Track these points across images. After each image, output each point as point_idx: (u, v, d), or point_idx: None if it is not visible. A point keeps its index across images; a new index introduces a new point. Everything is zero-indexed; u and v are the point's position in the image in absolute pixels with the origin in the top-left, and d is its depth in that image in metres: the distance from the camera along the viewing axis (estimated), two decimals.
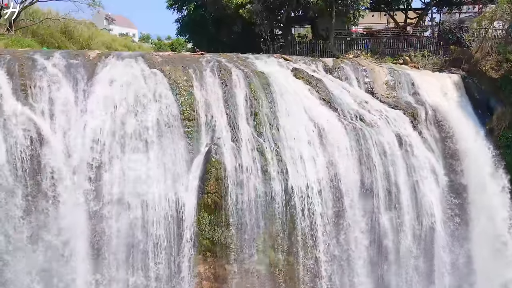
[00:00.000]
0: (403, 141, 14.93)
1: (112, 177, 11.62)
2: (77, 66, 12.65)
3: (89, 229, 11.49)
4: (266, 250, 13.06)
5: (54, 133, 11.46)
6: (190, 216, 12.36)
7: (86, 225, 11.46)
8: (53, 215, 11.11)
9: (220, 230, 12.59)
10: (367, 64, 18.04)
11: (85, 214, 11.49)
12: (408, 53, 21.28)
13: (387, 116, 15.43)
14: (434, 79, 18.47)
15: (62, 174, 11.28)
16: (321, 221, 13.35)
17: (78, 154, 11.51)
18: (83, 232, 11.40)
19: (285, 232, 13.07)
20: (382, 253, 14.31)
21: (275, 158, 12.96)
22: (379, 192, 14.17)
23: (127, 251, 11.91)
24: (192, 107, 12.97)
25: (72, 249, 11.22)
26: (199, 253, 12.79)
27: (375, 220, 14.09)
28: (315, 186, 13.23)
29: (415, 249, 14.52)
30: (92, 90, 12.14)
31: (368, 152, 14.12)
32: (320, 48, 24.05)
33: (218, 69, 14.14)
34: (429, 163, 15.30)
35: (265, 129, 13.32)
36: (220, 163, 12.36)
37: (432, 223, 14.67)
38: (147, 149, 12.05)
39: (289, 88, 14.66)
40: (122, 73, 12.77)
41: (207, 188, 12.33)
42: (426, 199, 14.77)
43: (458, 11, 27.74)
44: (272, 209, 12.88)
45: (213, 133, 12.94)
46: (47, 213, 11.10)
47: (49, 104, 11.63)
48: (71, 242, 11.22)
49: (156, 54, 15.18)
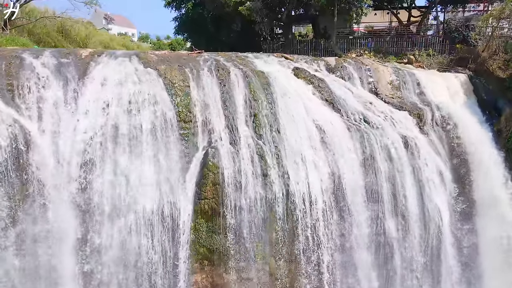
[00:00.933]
0: (409, 144, 14.30)
1: (103, 182, 11.02)
2: (68, 65, 12.11)
3: (78, 235, 10.87)
4: (266, 258, 12.45)
5: (42, 135, 10.87)
6: (186, 223, 11.76)
7: (76, 232, 10.84)
8: (40, 221, 10.50)
9: (218, 237, 11.99)
10: (370, 64, 17.41)
11: (75, 219, 10.90)
12: (412, 52, 20.66)
13: (392, 117, 14.81)
14: (440, 79, 17.82)
15: (50, 178, 10.68)
16: (324, 227, 12.74)
17: (67, 157, 10.92)
18: (72, 240, 10.78)
19: (286, 239, 12.46)
20: (387, 260, 13.67)
21: (275, 162, 12.35)
22: (384, 197, 13.56)
23: (119, 259, 11.32)
24: (188, 108, 12.36)
25: (60, 257, 10.60)
26: (196, 262, 12.19)
27: (380, 226, 13.47)
28: (318, 191, 12.61)
29: (422, 257, 13.87)
30: (83, 90, 11.60)
31: (373, 155, 13.50)
32: (322, 47, 23.47)
33: (216, 68, 13.54)
34: (436, 167, 14.66)
35: (265, 131, 12.71)
36: (217, 167, 11.75)
37: (439, 229, 14.03)
38: (140, 152, 11.46)
39: (290, 88, 14.06)
40: (115, 72, 12.22)
41: (204, 194, 11.72)
42: (433, 204, 14.13)
43: (462, 9, 27.18)
44: (273, 215, 12.27)
45: (210, 136, 12.33)
46: (35, 220, 10.50)
47: (37, 105, 11.06)
48: (60, 249, 10.60)
49: (151, 53, 14.59)
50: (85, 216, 10.87)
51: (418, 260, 13.86)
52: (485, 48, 19.03)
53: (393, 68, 17.40)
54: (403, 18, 27.05)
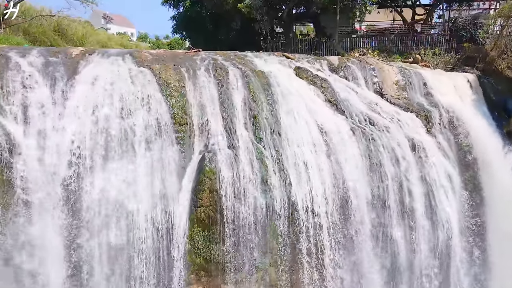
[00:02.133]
0: (417, 147, 13.63)
1: (93, 188, 10.32)
2: (57, 64, 11.39)
3: (66, 248, 10.18)
4: (266, 269, 11.78)
5: (27, 139, 10.18)
6: (181, 232, 11.06)
7: (63, 244, 10.16)
8: (24, 231, 9.81)
9: (215, 247, 11.29)
10: (375, 63, 16.73)
11: (62, 229, 10.21)
12: (418, 51, 19.98)
13: (399, 119, 14.14)
14: (447, 79, 17.18)
15: (36, 185, 10.00)
16: (328, 235, 12.07)
17: (54, 163, 10.23)
18: (59, 252, 10.10)
19: (288, 248, 11.78)
20: (394, 269, 13.01)
21: (276, 167, 11.65)
22: (391, 203, 12.88)
23: (110, 271, 10.65)
24: (184, 110, 11.66)
25: (47, 272, 9.92)
26: (192, 273, 11.49)
27: (387, 234, 12.80)
28: (321, 197, 11.94)
29: (431, 266, 13.20)
30: (72, 91, 10.90)
31: (379, 159, 12.83)
32: (324, 46, 22.81)
33: (213, 68, 12.84)
34: (444, 171, 14.00)
35: (265, 134, 12.02)
36: (215, 172, 11.05)
37: (449, 237, 13.36)
38: (133, 157, 10.77)
39: (292, 88, 13.37)
40: (107, 72, 11.51)
41: (201, 201, 11.02)
42: (442, 210, 13.46)
43: (468, 7, 26.50)
44: (273, 223, 11.58)
45: (207, 139, 11.63)
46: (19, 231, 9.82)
47: (22, 107, 10.37)
48: (45, 264, 9.92)
49: (146, 52, 13.89)
50: (73, 224, 10.17)
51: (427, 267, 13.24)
52: (494, 47, 18.42)
53: (398, 68, 16.73)
54: (407, 16, 26.37)
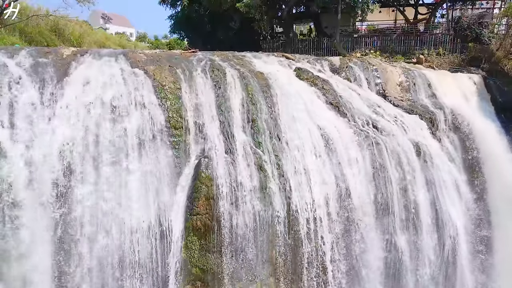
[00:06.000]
0: (422, 151, 13.13)
1: (83, 197, 9.81)
2: (46, 65, 10.86)
3: (55, 259, 9.67)
4: (265, 279, 11.26)
5: (14, 144, 9.67)
6: (177, 241, 10.55)
7: (52, 255, 9.65)
8: (11, 244, 9.30)
9: (212, 256, 10.76)
10: (378, 64, 16.23)
11: (51, 237, 9.70)
12: (421, 51, 19.47)
13: (403, 122, 13.64)
14: (452, 80, 16.74)
15: (23, 193, 9.49)
16: (329, 244, 11.59)
17: (43, 169, 9.72)
18: (47, 263, 9.59)
19: (288, 257, 11.27)
20: (399, 279, 12.50)
21: (276, 173, 11.15)
22: (395, 209, 12.38)
23: (102, 282, 10.15)
24: (179, 113, 11.14)
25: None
26: (188, 283, 10.95)
27: (391, 242, 12.31)
28: (322, 204, 11.45)
29: (436, 275, 12.70)
30: (62, 93, 10.39)
31: (382, 164, 12.33)
32: (324, 46, 22.32)
33: (210, 69, 12.34)
34: (450, 176, 13.51)
35: (265, 138, 11.50)
36: (211, 179, 10.54)
37: (455, 245, 12.86)
38: (125, 163, 10.26)
39: (292, 90, 12.87)
40: (99, 73, 10.99)
41: (196, 209, 10.50)
42: (448, 217, 12.96)
43: (471, 6, 25.99)
44: (273, 232, 11.07)
45: (203, 144, 11.11)
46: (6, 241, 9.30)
47: (8, 110, 9.86)
48: (34, 276, 9.41)
49: (140, 52, 13.36)
50: (62, 236, 9.66)
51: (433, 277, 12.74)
52: (500, 47, 17.93)
53: (402, 69, 16.24)
54: (409, 15, 25.87)
